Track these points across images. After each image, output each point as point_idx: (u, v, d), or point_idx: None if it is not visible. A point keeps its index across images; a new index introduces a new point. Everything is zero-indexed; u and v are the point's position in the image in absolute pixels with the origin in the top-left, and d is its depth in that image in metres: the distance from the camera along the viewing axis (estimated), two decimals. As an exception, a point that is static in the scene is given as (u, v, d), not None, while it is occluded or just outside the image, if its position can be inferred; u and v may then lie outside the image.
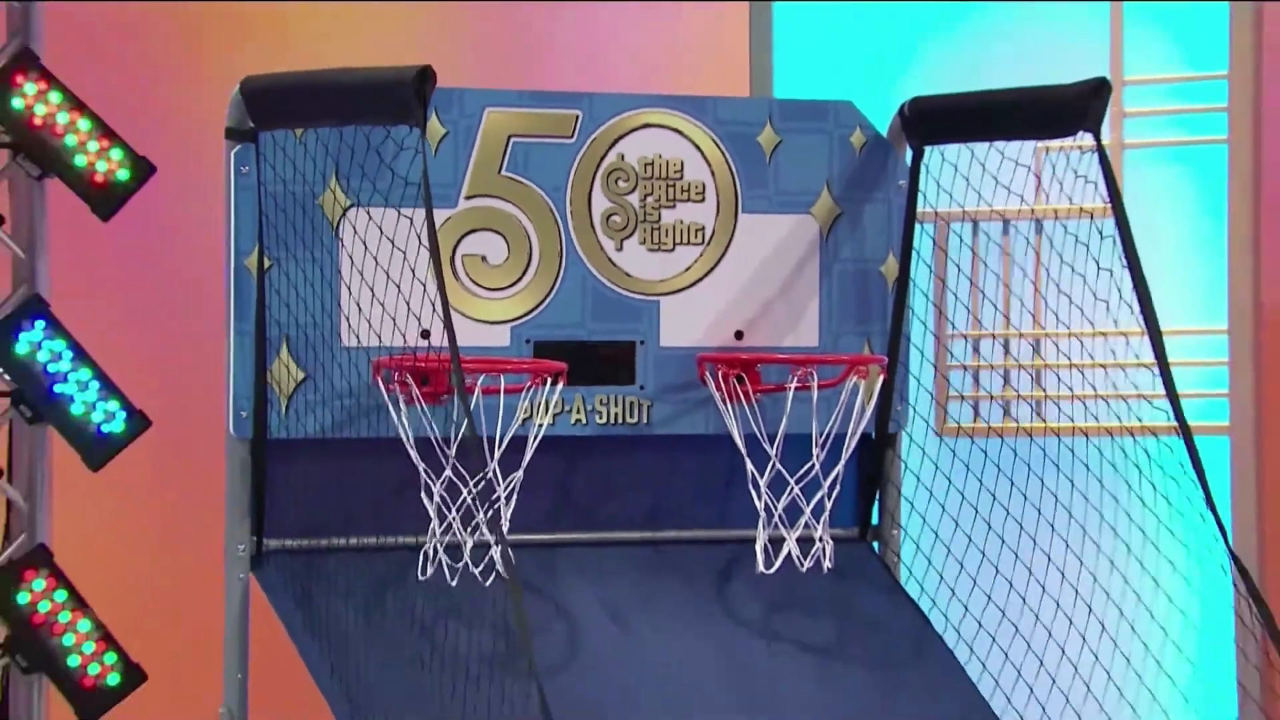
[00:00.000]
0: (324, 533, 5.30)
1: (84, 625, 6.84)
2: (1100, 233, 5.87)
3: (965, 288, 6.54)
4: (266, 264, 5.25)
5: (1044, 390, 6.87)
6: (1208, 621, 6.72)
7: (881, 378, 5.65)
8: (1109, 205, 6.64)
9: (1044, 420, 6.72)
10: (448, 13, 8.86)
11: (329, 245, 5.30)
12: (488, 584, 5.14)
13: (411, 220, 5.10)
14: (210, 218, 8.32)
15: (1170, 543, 6.18)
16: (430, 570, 5.17)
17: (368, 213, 5.29)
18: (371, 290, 5.26)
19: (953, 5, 7.10)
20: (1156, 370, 5.44)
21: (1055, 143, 6.65)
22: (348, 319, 5.30)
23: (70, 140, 6.86)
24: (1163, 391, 6.49)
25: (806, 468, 5.49)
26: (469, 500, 5.14)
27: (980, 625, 5.81)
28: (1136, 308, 5.55)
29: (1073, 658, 5.82)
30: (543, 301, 5.45)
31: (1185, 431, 5.37)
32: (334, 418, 5.29)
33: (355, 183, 5.30)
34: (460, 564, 5.16)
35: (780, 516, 5.48)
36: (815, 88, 7.14)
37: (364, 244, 5.27)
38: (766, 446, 5.46)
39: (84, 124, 6.86)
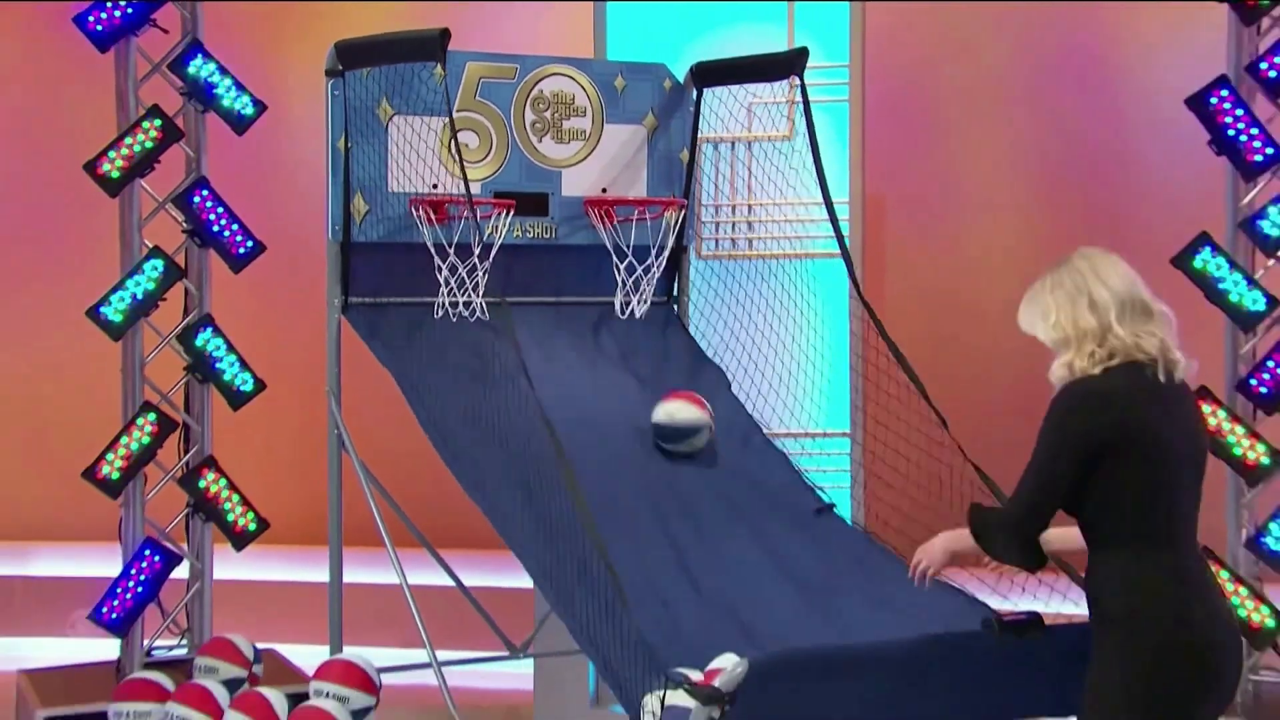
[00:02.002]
0: (382, 294, 5.27)
1: (231, 358, 6.74)
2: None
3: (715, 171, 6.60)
4: (348, 145, 5.18)
5: (753, 233, 6.89)
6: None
7: (681, 213, 5.60)
8: (787, 133, 6.69)
9: (751, 249, 6.76)
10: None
11: (383, 135, 5.25)
12: (471, 321, 5.16)
13: (440, 118, 5.15)
14: (303, 125, 8.18)
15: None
16: (440, 314, 5.20)
17: (404, 118, 5.26)
18: (419, 154, 5.23)
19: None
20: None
21: (763, 96, 6.65)
22: (394, 175, 5.25)
23: (219, 90, 6.72)
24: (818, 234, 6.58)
25: (645, 265, 5.50)
26: (463, 275, 5.14)
27: (729, 349, 5.83)
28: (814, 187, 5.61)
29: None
30: (499, 169, 5.42)
31: (846, 254, 5.45)
32: (386, 230, 5.26)
33: (396, 100, 5.26)
34: (457, 311, 5.15)
35: (628, 289, 5.50)
36: (634, 50, 7.01)
37: (411, 132, 5.25)
38: (625, 249, 5.46)
39: (228, 81, 6.76)
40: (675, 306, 5.82)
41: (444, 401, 4.99)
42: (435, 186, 5.24)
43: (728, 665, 3.76)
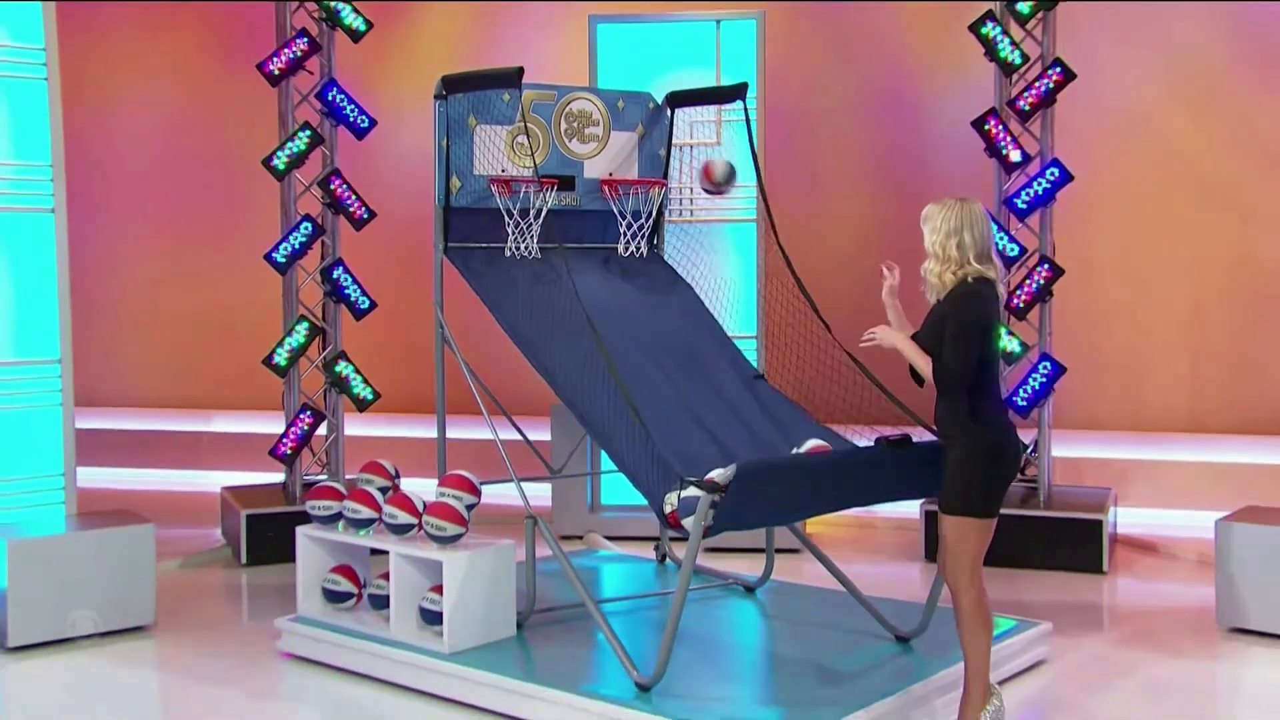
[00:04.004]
0: (471, 240, 5.07)
1: (354, 286, 6.63)
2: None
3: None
4: (449, 144, 5.00)
5: (694, 205, 6.83)
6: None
7: (662, 191, 5.48)
8: (715, 141, 6.59)
9: (690, 215, 6.70)
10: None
11: (470, 137, 5.05)
12: (529, 258, 5.07)
13: (507, 126, 5.02)
14: (400, 132, 7.99)
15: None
16: (508, 253, 5.07)
17: (484, 126, 5.07)
18: (495, 149, 5.10)
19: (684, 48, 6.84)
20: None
21: (701, 116, 6.49)
22: (478, 163, 5.07)
23: (346, 110, 6.60)
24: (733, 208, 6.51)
25: (640, 223, 5.38)
26: (522, 228, 5.06)
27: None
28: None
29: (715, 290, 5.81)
30: (544, 160, 5.21)
31: (770, 218, 5.14)
32: (472, 199, 5.05)
33: (479, 114, 5.07)
34: (519, 251, 5.07)
35: (628, 237, 5.37)
36: (621, 64, 6.87)
37: (490, 135, 5.09)
38: (625, 213, 5.34)
39: (352, 105, 6.58)
40: (657, 250, 5.70)
41: (512, 307, 4.83)
42: (503, 171, 5.07)
43: (718, 473, 3.81)
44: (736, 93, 5.29)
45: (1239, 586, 5.01)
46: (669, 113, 5.56)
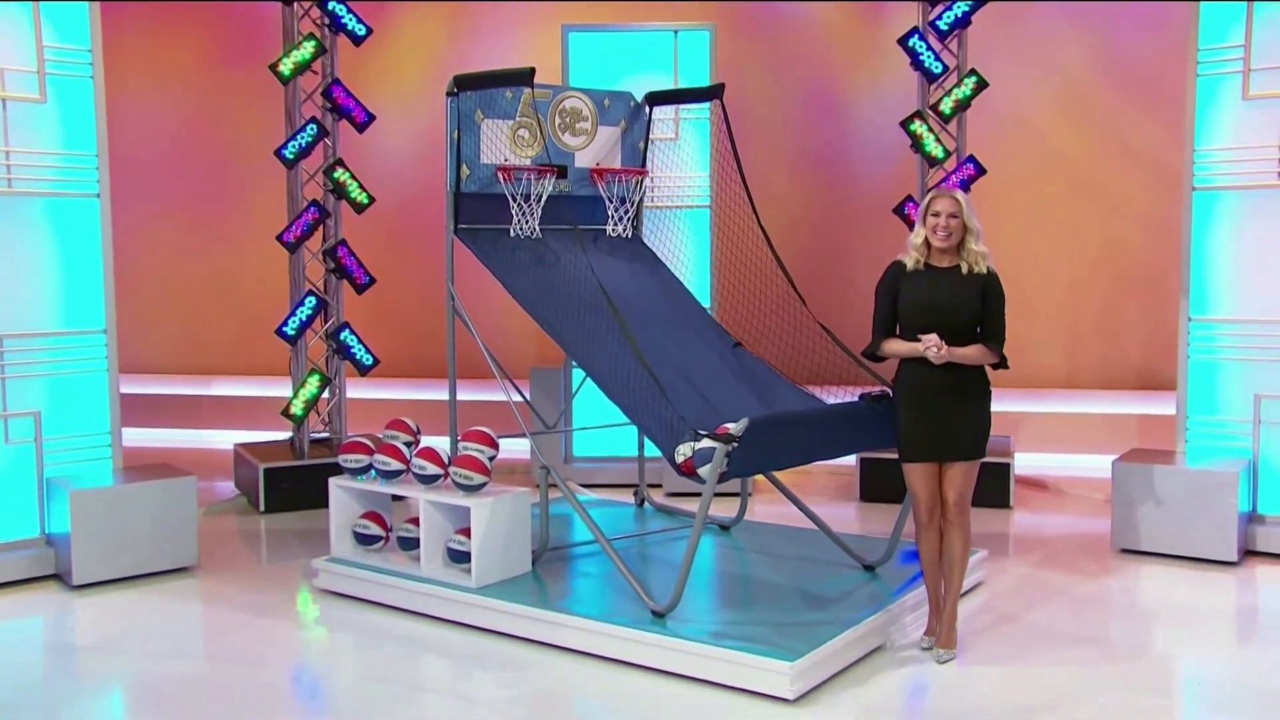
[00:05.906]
0: (478, 222, 4.91)
1: (355, 263, 6.42)
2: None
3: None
4: (459, 136, 4.84)
5: (656, 192, 6.70)
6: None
7: (643, 180, 5.36)
8: (674, 136, 6.50)
9: (654, 203, 6.59)
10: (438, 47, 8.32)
11: (478, 130, 4.90)
12: (534, 238, 4.94)
13: (509, 120, 4.87)
14: (394, 126, 7.70)
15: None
16: (512, 233, 4.93)
17: (490, 121, 4.92)
18: (499, 141, 4.96)
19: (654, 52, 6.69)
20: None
21: (661, 114, 6.34)
22: (484, 153, 4.92)
23: (348, 107, 6.32)
24: (691, 195, 6.42)
25: (625, 208, 5.28)
26: (527, 211, 4.95)
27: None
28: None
29: (677, 266, 5.73)
30: (541, 151, 5.07)
31: (752, 203, 5.06)
32: (480, 185, 4.91)
33: (486, 110, 4.92)
34: (521, 231, 4.94)
35: (615, 220, 5.28)
36: (590, 68, 6.65)
37: (495, 129, 4.94)
38: (611, 199, 5.24)
39: (353, 101, 6.32)
40: (637, 232, 5.58)
41: (520, 281, 4.70)
42: (506, 160, 4.94)
43: (732, 426, 3.73)
44: (713, 92, 5.19)
45: (1130, 515, 5.17)
46: (648, 110, 5.45)
